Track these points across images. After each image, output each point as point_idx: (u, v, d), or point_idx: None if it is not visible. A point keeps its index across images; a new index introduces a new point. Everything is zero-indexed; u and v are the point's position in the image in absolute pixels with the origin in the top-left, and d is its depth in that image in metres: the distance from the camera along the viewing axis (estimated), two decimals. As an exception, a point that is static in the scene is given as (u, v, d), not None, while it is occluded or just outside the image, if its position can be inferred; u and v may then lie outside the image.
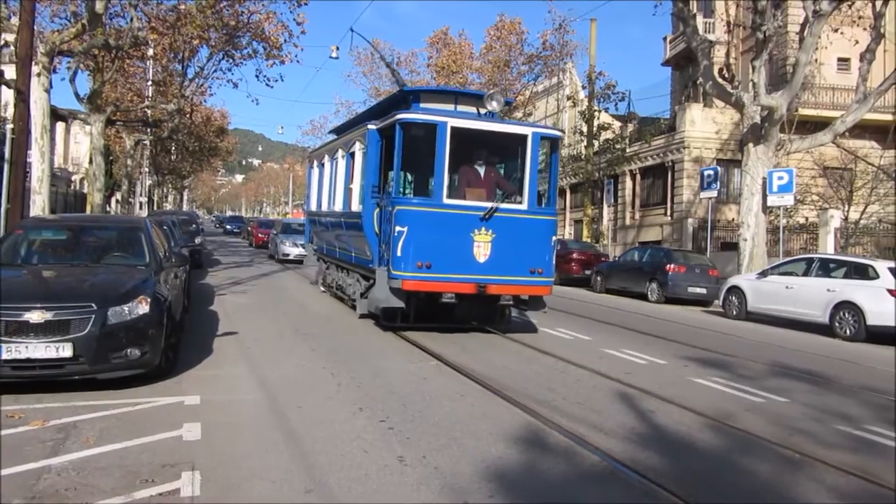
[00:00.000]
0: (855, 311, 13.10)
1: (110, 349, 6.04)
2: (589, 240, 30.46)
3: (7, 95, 15.88)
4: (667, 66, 37.21)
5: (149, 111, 27.94)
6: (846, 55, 27.56)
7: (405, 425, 5.60)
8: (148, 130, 33.51)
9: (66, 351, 5.82)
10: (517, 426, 5.72)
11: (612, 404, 6.69)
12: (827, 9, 17.66)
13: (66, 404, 5.72)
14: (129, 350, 6.14)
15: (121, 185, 38.56)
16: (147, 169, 42.26)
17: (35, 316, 5.81)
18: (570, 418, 6.03)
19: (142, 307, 6.33)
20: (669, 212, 30.30)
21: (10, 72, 14.21)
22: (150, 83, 30.61)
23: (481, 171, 10.43)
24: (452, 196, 10.08)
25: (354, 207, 11.73)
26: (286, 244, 24.77)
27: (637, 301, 19.16)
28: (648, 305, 18.29)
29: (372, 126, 10.77)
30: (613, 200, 32.26)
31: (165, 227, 12.66)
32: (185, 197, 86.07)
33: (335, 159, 13.48)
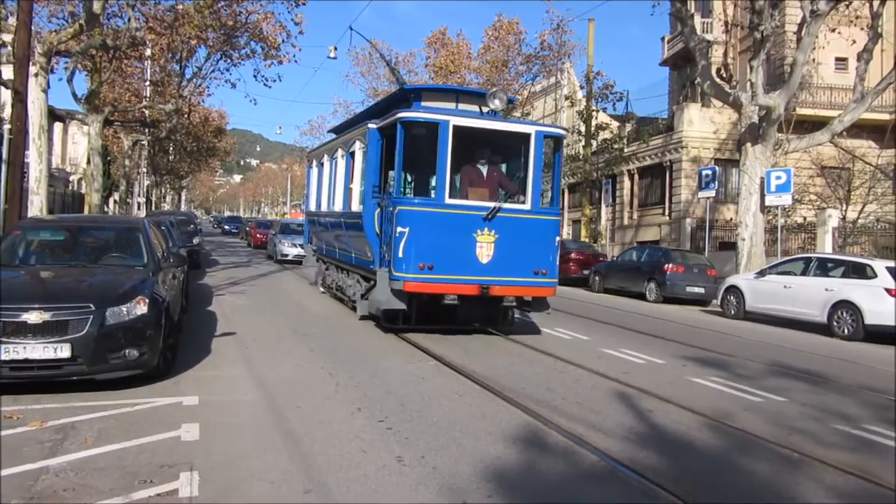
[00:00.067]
0: (853, 311, 13.11)
1: (108, 350, 6.03)
2: (587, 239, 30.48)
3: (4, 96, 15.84)
4: (665, 66, 37.23)
5: (147, 111, 27.90)
6: (844, 55, 27.61)
7: (404, 425, 5.60)
8: (146, 131, 33.48)
9: (65, 351, 5.82)
10: (516, 426, 5.72)
11: (611, 404, 6.69)
12: (824, 8, 17.69)
13: (65, 405, 5.72)
14: (128, 350, 6.14)
15: (119, 186, 38.51)
16: (145, 169, 42.26)
17: (33, 317, 5.80)
18: (569, 418, 6.03)
19: (140, 308, 6.33)
20: (667, 211, 30.33)
21: (8, 72, 14.17)
22: (148, 83, 30.57)
23: (484, 171, 10.31)
24: (455, 196, 9.96)
25: (355, 207, 11.66)
26: (285, 244, 24.76)
27: (635, 301, 19.17)
28: (647, 305, 18.30)
29: (372, 125, 10.67)
30: (611, 200, 32.29)
31: (163, 228, 12.64)
32: (183, 197, 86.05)
33: (335, 159, 13.38)
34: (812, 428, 6.26)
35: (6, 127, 12.59)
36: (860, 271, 13.57)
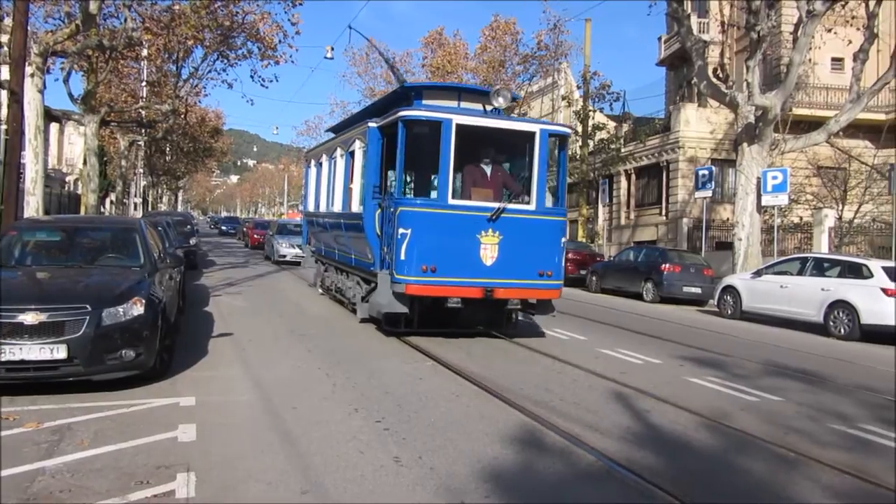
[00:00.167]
0: (849, 311, 13.14)
1: (105, 350, 6.02)
2: (584, 240, 30.53)
3: (0, 96, 15.82)
4: (661, 66, 37.31)
5: (143, 112, 27.85)
6: (840, 55, 27.70)
7: (401, 426, 5.60)
8: (142, 131, 33.41)
9: (61, 352, 5.81)
10: (513, 426, 5.72)
11: (608, 404, 6.70)
12: (820, 9, 17.73)
13: (61, 406, 5.70)
14: (124, 351, 6.12)
15: (115, 186, 38.38)
16: (141, 170, 42.14)
17: (29, 317, 5.79)
18: (566, 418, 6.04)
19: (136, 308, 6.32)
20: (664, 211, 30.38)
21: (4, 72, 14.15)
22: (145, 84, 30.50)
23: (487, 170, 10.09)
24: (458, 196, 9.77)
25: (354, 208, 11.46)
26: (282, 245, 24.71)
27: (632, 301, 19.19)
28: (644, 305, 18.32)
29: (373, 124, 10.42)
30: (608, 200, 32.31)
31: (160, 228, 12.63)
32: (180, 198, 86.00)
33: (334, 158, 13.14)
34: (808, 427, 6.27)
35: (2, 128, 12.56)
36: (856, 271, 13.60)
